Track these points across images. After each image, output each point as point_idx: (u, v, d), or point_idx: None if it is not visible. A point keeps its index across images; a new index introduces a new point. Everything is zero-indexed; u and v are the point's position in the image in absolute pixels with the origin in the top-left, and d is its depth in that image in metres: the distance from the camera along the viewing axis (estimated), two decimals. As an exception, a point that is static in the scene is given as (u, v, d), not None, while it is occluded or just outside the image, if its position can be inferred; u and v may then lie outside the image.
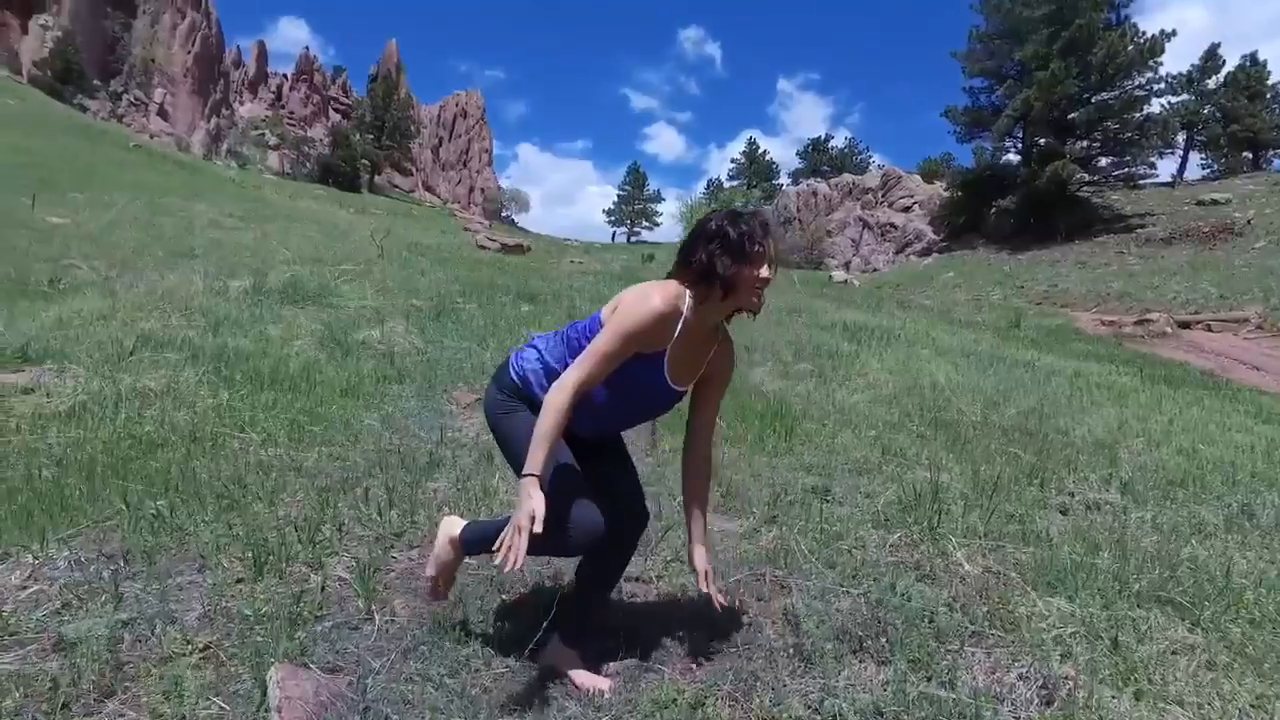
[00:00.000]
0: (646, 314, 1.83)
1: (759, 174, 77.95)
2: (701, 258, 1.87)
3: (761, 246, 1.86)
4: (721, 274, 1.85)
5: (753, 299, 1.91)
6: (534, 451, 1.79)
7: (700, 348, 2.01)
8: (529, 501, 1.73)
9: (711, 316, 1.95)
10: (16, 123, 27.89)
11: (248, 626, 2.18)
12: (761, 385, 5.87)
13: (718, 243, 1.86)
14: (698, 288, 1.89)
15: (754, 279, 1.87)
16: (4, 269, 9.31)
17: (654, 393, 1.98)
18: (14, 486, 2.99)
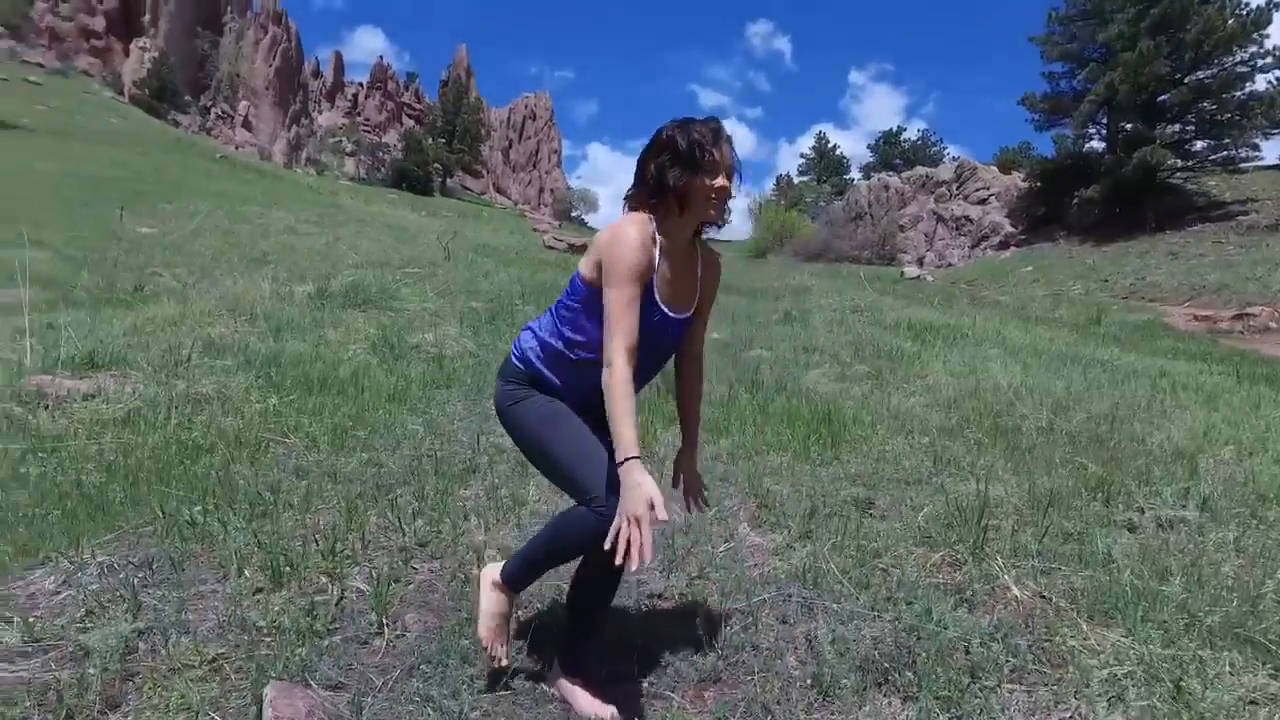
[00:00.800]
0: (632, 245, 1.73)
1: (829, 169, 76.50)
2: (652, 170, 1.80)
3: (713, 155, 1.77)
4: (673, 186, 1.77)
5: (710, 211, 1.82)
6: (622, 433, 1.63)
7: (683, 270, 1.91)
8: (638, 490, 1.57)
9: (678, 234, 1.86)
10: (118, 139, 29.55)
11: (259, 638, 2.17)
12: (815, 388, 5.68)
13: (668, 154, 1.78)
14: (655, 206, 1.82)
15: (708, 189, 1.78)
16: (95, 278, 9.80)
17: (655, 328, 1.84)
18: (64, 492, 3.08)
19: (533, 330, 1.99)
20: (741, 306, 11.78)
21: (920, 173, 40.38)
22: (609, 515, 1.65)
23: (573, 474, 1.79)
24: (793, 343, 8.16)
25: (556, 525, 1.88)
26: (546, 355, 1.91)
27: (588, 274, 1.82)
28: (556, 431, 1.86)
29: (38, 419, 3.67)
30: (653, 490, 1.57)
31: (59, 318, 7.12)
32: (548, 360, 1.91)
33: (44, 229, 12.34)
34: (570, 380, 1.90)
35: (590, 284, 1.82)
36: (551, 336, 1.91)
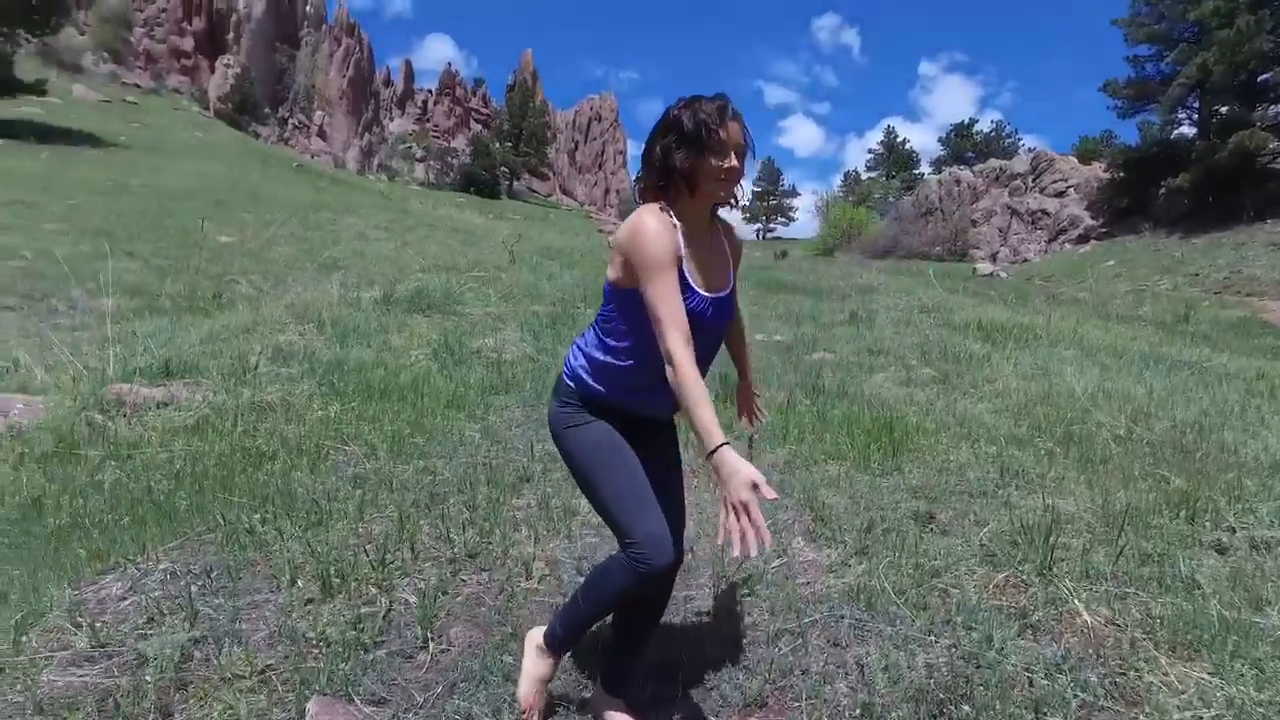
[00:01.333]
0: (654, 232, 1.69)
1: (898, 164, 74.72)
2: (658, 152, 1.75)
3: (720, 134, 1.70)
4: (680, 167, 1.72)
5: (720, 192, 1.77)
6: (703, 420, 1.58)
7: (709, 249, 1.86)
8: (737, 475, 1.50)
9: (694, 217, 1.81)
10: (202, 152, 30.97)
11: (307, 650, 2.20)
12: (878, 393, 5.51)
13: (674, 135, 1.73)
14: (664, 191, 1.77)
15: (717, 170, 1.72)
16: (177, 286, 10.26)
17: (699, 313, 1.78)
18: (136, 498, 3.20)
19: (579, 346, 1.97)
20: (806, 307, 11.56)
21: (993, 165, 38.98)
22: (647, 565, 1.66)
23: (615, 515, 1.77)
24: (857, 345, 7.96)
25: (596, 578, 1.86)
26: (594, 369, 1.88)
27: (614, 277, 1.79)
28: (605, 467, 1.83)
29: (115, 427, 3.83)
30: (752, 471, 1.51)
31: (143, 326, 7.47)
32: (595, 374, 1.88)
33: (135, 240, 13.01)
34: (619, 390, 1.86)
35: (619, 286, 1.79)
36: (596, 349, 1.88)
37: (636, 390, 1.83)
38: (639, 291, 1.70)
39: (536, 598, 2.62)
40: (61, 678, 2.05)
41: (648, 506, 1.73)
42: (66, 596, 2.40)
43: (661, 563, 1.69)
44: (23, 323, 7.90)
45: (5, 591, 2.43)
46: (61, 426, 3.75)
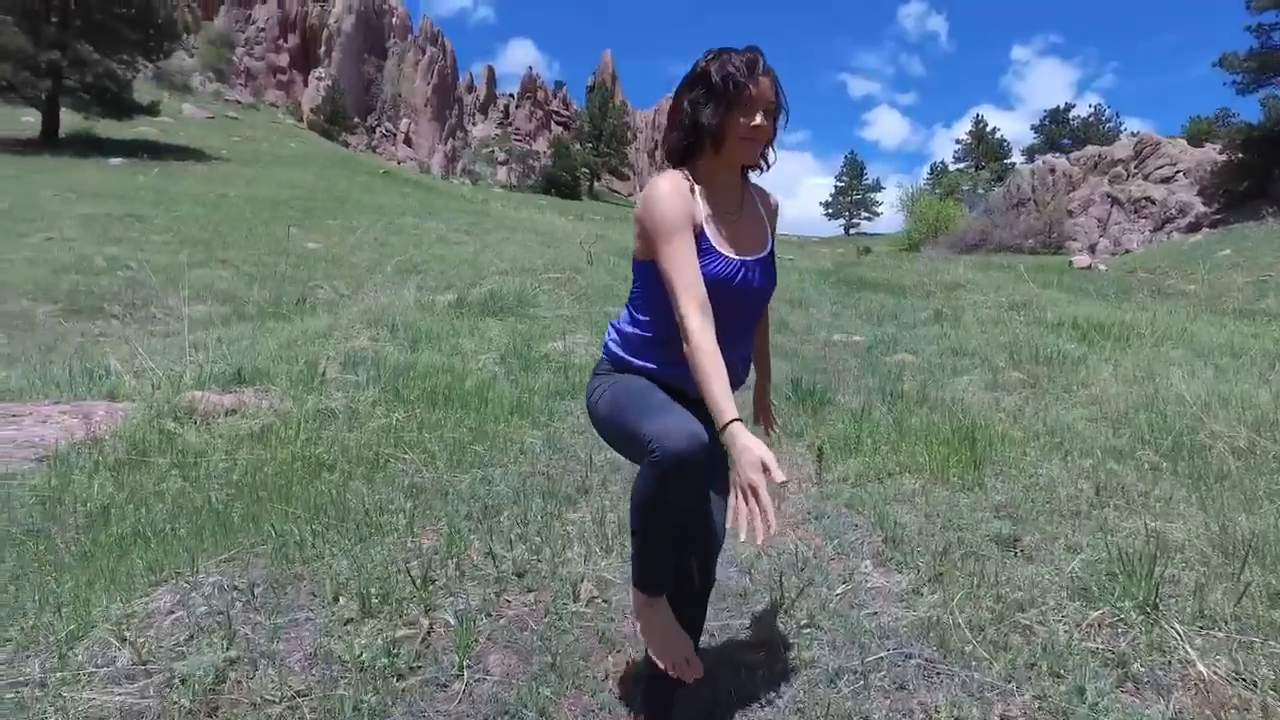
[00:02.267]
0: (664, 194, 1.59)
1: (988, 154, 71.73)
2: (686, 108, 1.65)
3: (750, 89, 1.58)
4: (707, 124, 1.61)
5: (743, 150, 1.65)
6: (715, 395, 1.46)
7: (737, 209, 1.74)
8: (747, 453, 1.39)
9: (720, 177, 1.71)
10: (294, 162, 32.33)
11: (340, 675, 2.13)
12: (961, 399, 5.17)
13: (701, 88, 1.63)
14: (689, 149, 1.67)
15: (745, 128, 1.61)
16: (263, 293, 10.67)
17: (731, 277, 1.65)
18: (195, 508, 3.24)
19: (613, 325, 1.89)
20: (888, 305, 11.13)
21: (1091, 152, 36.82)
22: (661, 450, 1.45)
23: (635, 432, 1.58)
24: (940, 345, 7.56)
25: (632, 498, 1.68)
26: (625, 342, 1.80)
27: (637, 250, 1.69)
28: (628, 398, 1.69)
29: (185, 434, 3.92)
30: (763, 451, 1.39)
31: (228, 332, 7.75)
32: (628, 346, 1.79)
33: (229, 249, 13.61)
34: (652, 361, 1.75)
35: (641, 258, 1.69)
36: (628, 325, 1.80)
37: (670, 364, 1.70)
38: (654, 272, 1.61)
39: (583, 622, 2.49)
40: (100, 696, 2.03)
41: (666, 409, 1.56)
42: (116, 610, 2.41)
43: (671, 447, 1.44)
44: (124, 330, 8.32)
45: (61, 602, 2.46)
46: (136, 434, 3.85)
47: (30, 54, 24.36)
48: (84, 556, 2.82)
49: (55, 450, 3.64)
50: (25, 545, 2.91)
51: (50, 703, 2.00)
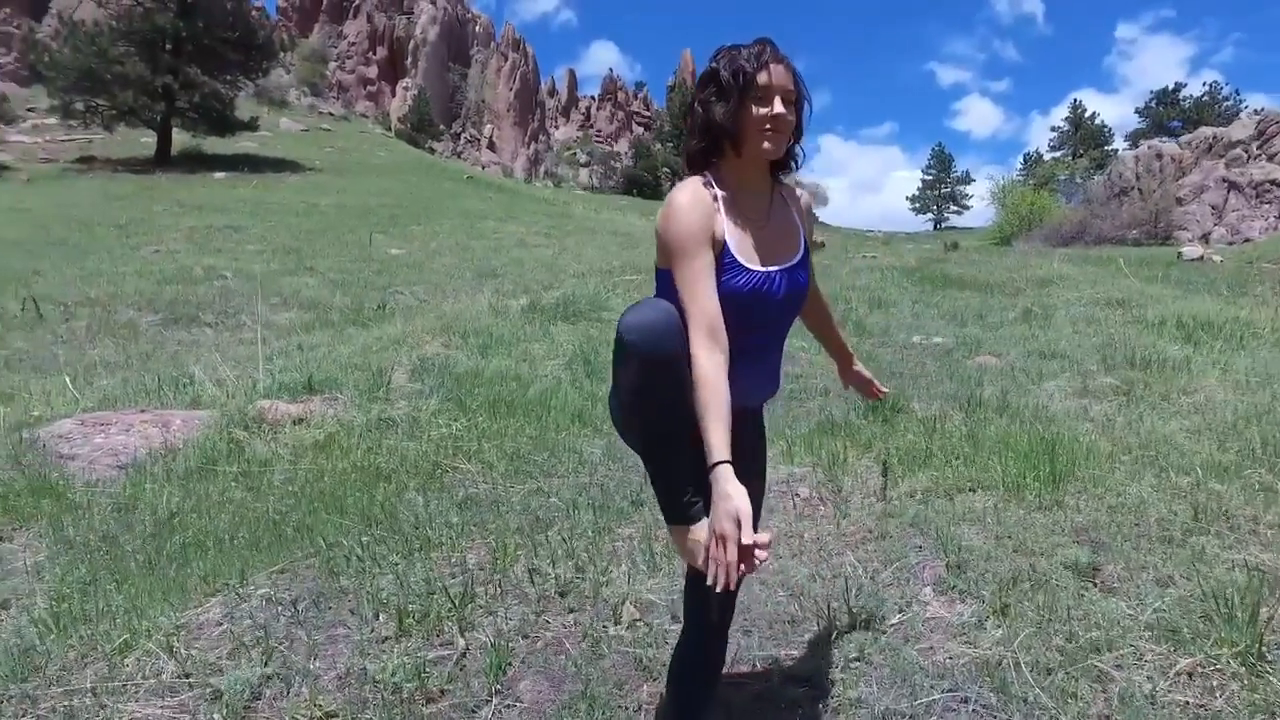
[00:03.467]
0: (682, 208, 1.50)
1: (1087, 140, 67.98)
2: (698, 109, 1.58)
3: (761, 77, 1.51)
4: (721, 122, 1.53)
5: (764, 144, 1.54)
6: (709, 433, 1.38)
7: (766, 217, 1.63)
8: (726, 501, 1.32)
9: (745, 180, 1.61)
10: (383, 170, 33.49)
11: (372, 695, 2.12)
12: (1046, 406, 4.84)
13: (712, 88, 1.56)
14: (707, 154, 1.60)
15: (761, 120, 1.52)
16: (345, 299, 11.03)
17: (756, 290, 1.55)
18: (257, 517, 3.32)
19: None
20: (973, 304, 10.61)
21: (1205, 134, 34.32)
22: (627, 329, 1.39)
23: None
24: (1027, 347, 7.13)
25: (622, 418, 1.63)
26: None
27: (658, 261, 1.59)
28: None
29: (252, 443, 4.04)
30: (741, 504, 1.31)
31: (309, 339, 8.03)
32: None
33: (317, 257, 14.13)
34: None
35: (662, 266, 1.59)
36: None
37: None
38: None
39: (621, 647, 2.41)
40: (142, 708, 2.08)
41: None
42: (168, 621, 2.47)
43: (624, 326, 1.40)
44: (216, 337, 8.74)
45: (117, 610, 2.55)
46: (207, 443, 3.99)
47: (148, 80, 26.08)
48: (148, 564, 2.92)
49: (134, 459, 3.81)
50: (98, 552, 3.05)
51: (97, 712, 2.06)
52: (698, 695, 1.70)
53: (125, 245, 13.68)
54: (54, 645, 2.37)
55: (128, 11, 26.96)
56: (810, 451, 4.08)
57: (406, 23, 65.83)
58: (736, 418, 1.59)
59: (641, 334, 1.39)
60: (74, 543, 3.11)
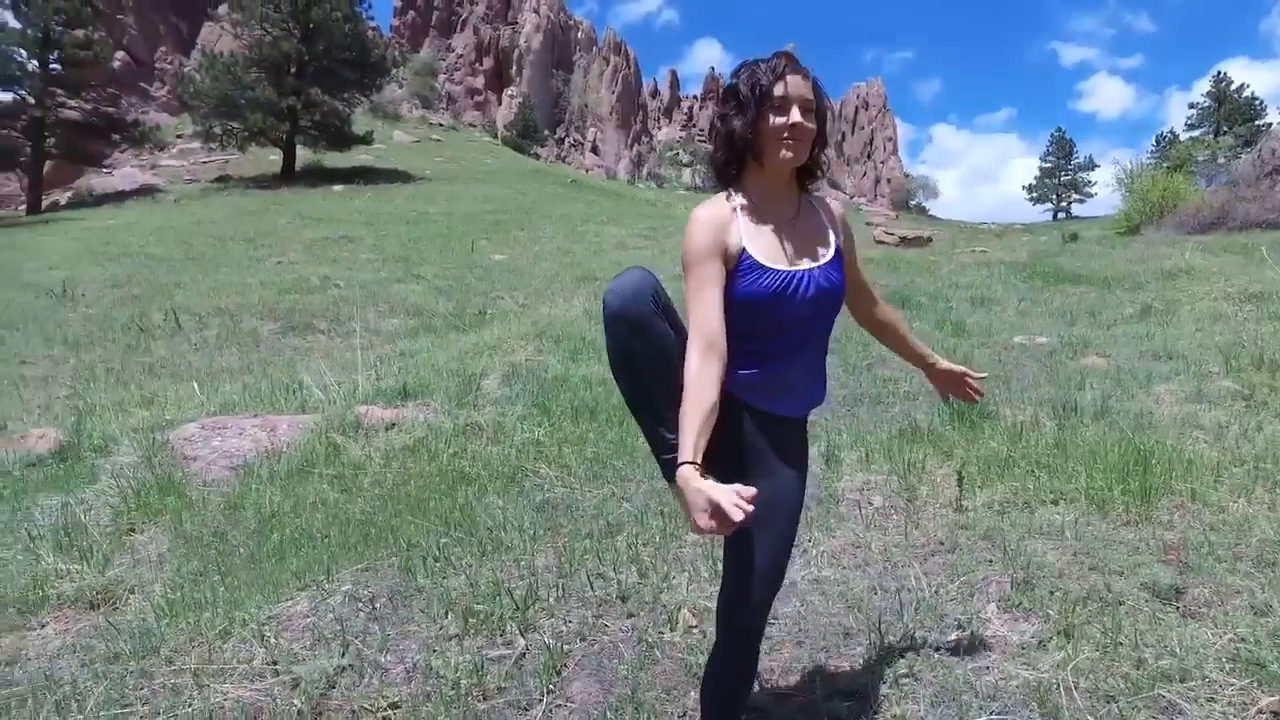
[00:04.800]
0: (697, 224, 1.58)
1: (1232, 116, 62.45)
2: (718, 125, 1.65)
3: (778, 88, 1.56)
4: (741, 134, 1.59)
5: (783, 152, 1.58)
6: (685, 433, 1.43)
7: (791, 221, 1.67)
8: (697, 496, 1.36)
9: (771, 190, 1.65)
10: (489, 177, 34.65)
11: (434, 690, 2.25)
12: (1151, 411, 4.54)
13: (731, 102, 1.62)
14: (730, 167, 1.66)
15: (779, 130, 1.56)
16: (449, 305, 11.52)
17: (783, 291, 1.58)
18: (347, 518, 3.56)
19: None
20: (1087, 301, 10.01)
21: (1372, 104, 30.90)
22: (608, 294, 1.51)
23: None
24: (1141, 347, 6.69)
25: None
26: None
27: None
28: None
29: (348, 448, 4.32)
30: (715, 493, 1.34)
31: (411, 345, 8.45)
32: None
33: (424, 264, 14.80)
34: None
35: None
36: None
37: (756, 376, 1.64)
38: None
39: (675, 653, 2.46)
40: (235, 690, 2.29)
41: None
42: (263, 612, 2.70)
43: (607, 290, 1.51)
44: (329, 344, 9.33)
45: (220, 601, 2.80)
46: (308, 446, 4.30)
47: (275, 102, 28.09)
48: (250, 559, 3.19)
49: (244, 461, 4.16)
50: (209, 547, 3.35)
51: (197, 692, 2.28)
52: (728, 707, 1.73)
53: (252, 257, 14.75)
54: (167, 629, 2.63)
55: (258, 40, 29.04)
56: (888, 458, 4.00)
57: (511, 33, 67.81)
58: (767, 422, 1.63)
59: (615, 295, 1.49)
60: (190, 537, 3.42)
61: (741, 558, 1.63)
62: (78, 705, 2.18)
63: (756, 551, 1.61)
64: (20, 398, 7.06)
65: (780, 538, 1.64)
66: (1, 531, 3.46)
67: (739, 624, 1.67)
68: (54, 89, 29.64)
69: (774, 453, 1.66)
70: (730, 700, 1.71)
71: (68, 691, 2.24)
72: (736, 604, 1.65)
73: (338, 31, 29.37)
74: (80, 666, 2.41)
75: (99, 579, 3.00)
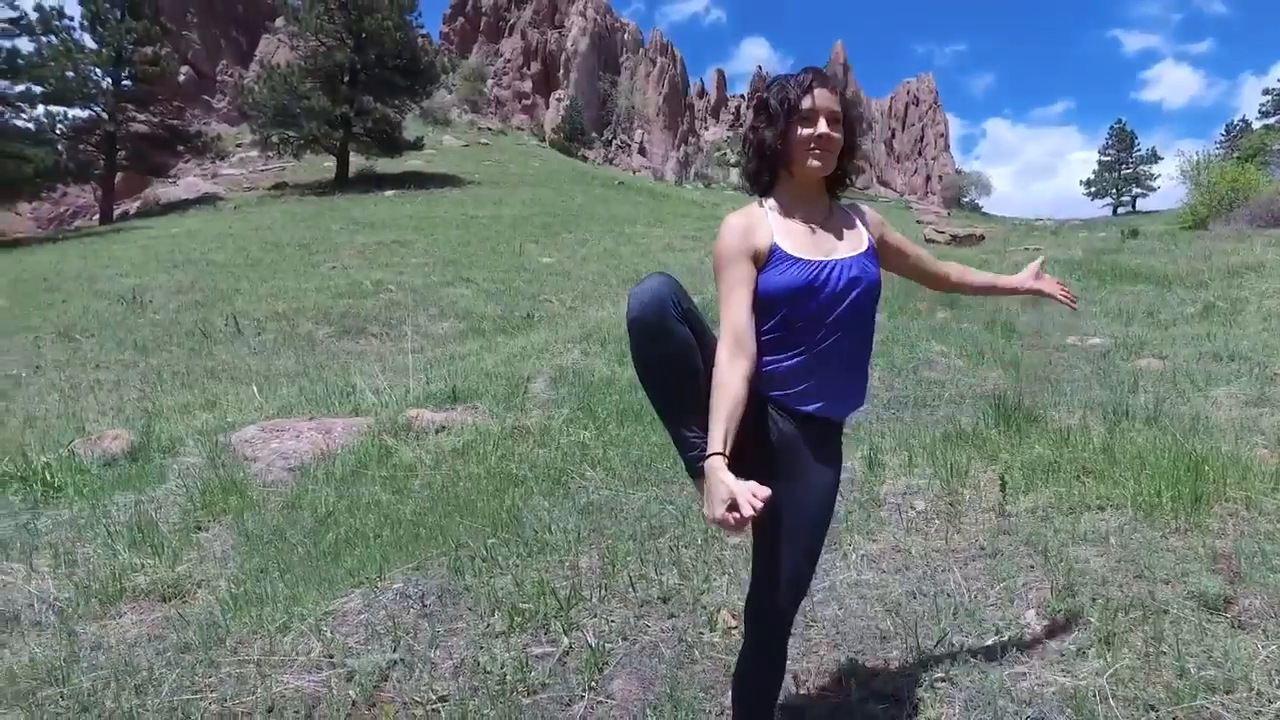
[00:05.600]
0: (728, 229, 1.66)
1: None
2: (750, 136, 1.74)
3: (805, 101, 1.65)
4: (770, 145, 1.69)
5: (810, 161, 1.67)
6: (713, 425, 1.51)
7: (824, 221, 1.75)
8: (720, 486, 1.43)
9: (802, 196, 1.74)
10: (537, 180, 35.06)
11: (481, 685, 2.35)
12: (1207, 415, 4.44)
13: (762, 115, 1.71)
14: (761, 175, 1.74)
15: (806, 140, 1.65)
16: (497, 308, 11.73)
17: (804, 281, 1.63)
18: (399, 518, 3.70)
19: None
20: (1145, 299, 9.74)
21: None
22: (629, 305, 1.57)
23: None
24: (1200, 348, 6.51)
25: None
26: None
27: None
28: None
29: (400, 450, 4.47)
30: (736, 487, 1.42)
31: (461, 348, 8.65)
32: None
33: (473, 268, 15.07)
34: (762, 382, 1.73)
35: None
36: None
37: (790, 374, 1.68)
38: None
39: (713, 653, 2.52)
40: (294, 680, 2.42)
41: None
42: (319, 608, 2.84)
43: (632, 303, 1.56)
44: (381, 347, 9.60)
45: (280, 596, 2.95)
46: (361, 449, 4.46)
47: (330, 110, 28.88)
48: (307, 557, 3.34)
49: (301, 462, 4.34)
50: (269, 545, 3.51)
51: (259, 681, 2.42)
52: (758, 706, 1.78)
53: (307, 263, 15.21)
54: (232, 622, 2.79)
55: (313, 51, 29.89)
56: (932, 462, 3.99)
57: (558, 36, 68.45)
58: (798, 422, 1.68)
59: (634, 301, 1.56)
60: (252, 535, 3.60)
61: (768, 562, 1.69)
62: (154, 690, 2.33)
63: (783, 556, 1.66)
64: (96, 400, 7.44)
65: (806, 543, 1.68)
66: (83, 527, 3.69)
67: (766, 626, 1.72)
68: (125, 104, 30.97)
69: (805, 454, 1.68)
70: (760, 699, 1.76)
71: (145, 677, 2.39)
72: (763, 606, 1.71)
73: (389, 40, 30.02)
74: (155, 654, 2.57)
75: (170, 573, 3.18)
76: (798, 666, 2.36)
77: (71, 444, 4.96)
